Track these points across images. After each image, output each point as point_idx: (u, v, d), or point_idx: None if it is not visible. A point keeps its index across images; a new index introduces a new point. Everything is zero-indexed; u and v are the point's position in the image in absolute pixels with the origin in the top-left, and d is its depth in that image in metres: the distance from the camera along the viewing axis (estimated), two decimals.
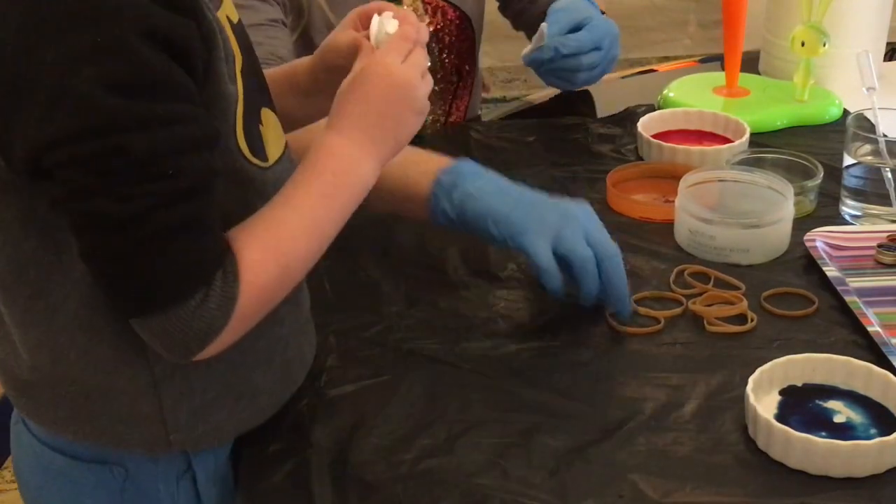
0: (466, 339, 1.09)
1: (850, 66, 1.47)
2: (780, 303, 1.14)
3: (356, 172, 0.92)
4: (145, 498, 1.00)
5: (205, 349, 0.86)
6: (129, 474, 0.99)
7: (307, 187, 0.90)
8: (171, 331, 0.84)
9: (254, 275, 0.86)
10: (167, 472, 0.99)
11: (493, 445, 0.96)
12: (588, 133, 1.52)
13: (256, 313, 0.89)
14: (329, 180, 0.91)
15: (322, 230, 0.91)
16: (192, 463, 0.99)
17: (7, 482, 2.21)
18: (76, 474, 0.99)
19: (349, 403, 1.01)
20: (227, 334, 0.86)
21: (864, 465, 0.91)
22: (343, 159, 0.91)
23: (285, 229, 0.88)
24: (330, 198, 0.91)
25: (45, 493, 1.03)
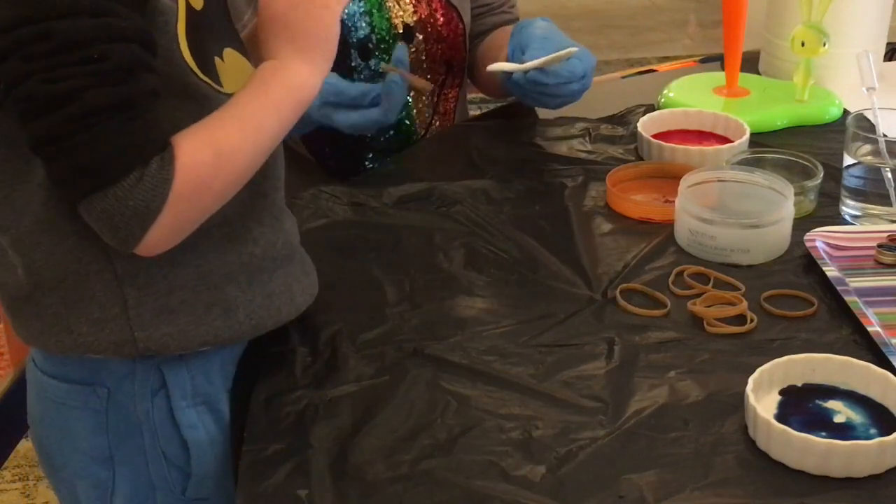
0: (467, 340, 1.09)
1: (850, 66, 1.47)
2: (780, 303, 1.14)
3: (288, 76, 0.99)
4: (126, 417, 1.06)
5: (147, 232, 0.91)
6: (110, 394, 1.05)
7: (241, 93, 0.97)
8: (111, 212, 0.89)
9: (187, 157, 0.91)
10: (142, 387, 1.05)
11: (492, 446, 0.96)
12: (588, 133, 1.52)
13: (196, 200, 0.93)
14: (262, 86, 0.98)
15: (258, 124, 0.96)
16: (166, 379, 1.05)
17: (7, 482, 2.21)
18: (66, 398, 1.06)
19: (349, 404, 1.02)
20: (166, 218, 0.91)
21: (863, 465, 0.91)
22: (273, 69, 0.99)
23: (218, 121, 0.95)
24: (263, 98, 0.97)
25: (45, 422, 1.10)
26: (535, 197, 1.35)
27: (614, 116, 1.57)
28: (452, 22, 1.53)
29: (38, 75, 0.86)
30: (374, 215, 1.33)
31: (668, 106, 1.55)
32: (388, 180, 1.39)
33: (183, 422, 1.06)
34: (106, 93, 0.87)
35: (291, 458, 0.96)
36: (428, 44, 1.51)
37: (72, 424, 1.07)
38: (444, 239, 1.27)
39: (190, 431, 1.07)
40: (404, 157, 1.48)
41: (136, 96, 0.89)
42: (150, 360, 1.04)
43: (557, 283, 1.18)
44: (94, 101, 0.87)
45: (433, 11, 1.51)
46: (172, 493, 1.08)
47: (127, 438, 1.06)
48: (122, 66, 0.88)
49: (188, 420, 1.06)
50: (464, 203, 1.34)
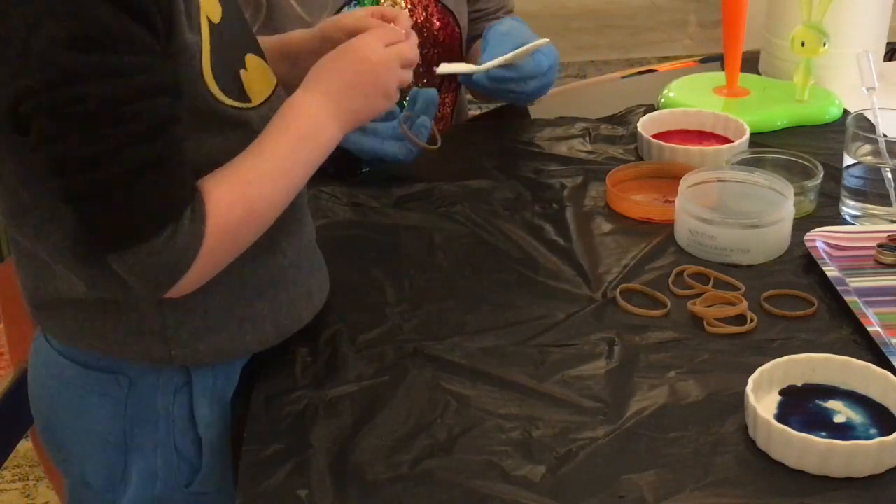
0: (467, 340, 1.09)
1: (850, 66, 1.47)
2: (780, 303, 1.14)
3: (321, 131, 1.02)
4: (145, 407, 1.07)
5: (175, 284, 0.94)
6: (132, 384, 1.06)
7: (276, 138, 0.99)
8: (143, 266, 0.92)
9: (220, 215, 0.94)
10: (167, 383, 1.06)
11: (492, 446, 0.96)
12: (588, 133, 1.52)
13: (224, 252, 0.97)
14: (296, 134, 1.00)
15: (287, 178, 0.99)
16: (192, 378, 1.06)
17: (7, 482, 2.21)
18: (86, 382, 1.07)
19: (349, 404, 1.02)
20: (195, 271, 0.94)
21: (863, 465, 0.91)
22: (311, 118, 1.01)
23: (253, 174, 0.97)
24: (296, 150, 1.00)
25: (58, 401, 1.10)
26: (535, 197, 1.35)
27: (614, 116, 1.57)
28: (449, 26, 1.53)
29: (73, 136, 0.88)
30: (374, 215, 1.33)
31: (668, 106, 1.55)
32: (388, 180, 1.39)
33: (201, 419, 1.07)
34: (139, 152, 0.89)
35: (291, 458, 0.96)
36: (424, 48, 1.51)
37: (89, 408, 1.08)
38: (444, 239, 1.27)
39: (206, 429, 1.08)
40: None
41: (167, 153, 0.90)
42: None
43: (557, 283, 1.18)
44: (128, 162, 0.88)
45: (429, 16, 1.51)
46: (176, 484, 1.09)
47: (142, 427, 1.07)
48: (154, 123, 0.89)
49: (206, 418, 1.08)
50: (464, 203, 1.34)
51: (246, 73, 1.02)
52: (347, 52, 1.05)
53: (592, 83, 2.05)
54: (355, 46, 1.05)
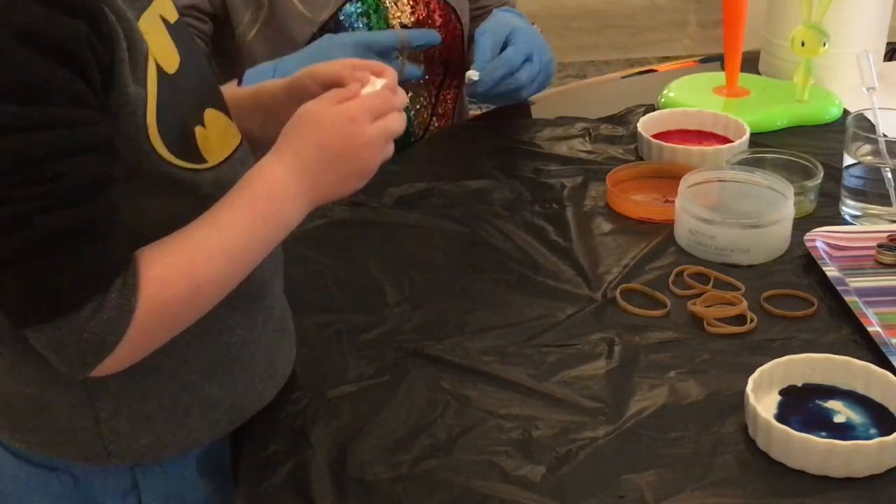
0: (467, 340, 1.09)
1: (850, 66, 1.47)
2: (780, 303, 1.14)
3: (287, 210, 0.90)
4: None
5: (101, 363, 0.83)
6: (76, 483, 0.97)
7: (235, 212, 0.88)
8: (64, 343, 0.81)
9: (156, 289, 0.83)
10: (115, 486, 0.97)
11: (492, 446, 0.96)
12: (588, 133, 1.52)
13: (159, 330, 0.86)
14: (260, 210, 0.89)
15: (242, 258, 0.89)
16: (138, 480, 0.97)
17: None
18: (27, 478, 0.98)
19: (349, 404, 1.01)
20: (125, 349, 0.83)
21: (863, 465, 0.91)
22: (278, 195, 0.90)
23: (203, 249, 0.86)
24: (255, 227, 0.89)
25: (4, 496, 1.01)
26: (535, 197, 1.35)
27: (614, 116, 1.57)
28: (450, 23, 1.53)
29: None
30: (373, 215, 1.33)
31: (668, 106, 1.55)
32: (387, 180, 1.38)
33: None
34: (59, 217, 0.78)
35: (291, 458, 0.96)
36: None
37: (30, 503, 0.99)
38: (444, 239, 1.27)
39: None
40: (403, 157, 1.48)
41: (93, 218, 0.80)
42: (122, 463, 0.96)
43: (557, 283, 1.18)
44: (46, 227, 0.77)
45: (431, 12, 1.51)
46: None
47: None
48: (79, 185, 0.79)
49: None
50: (464, 203, 1.34)
51: (203, 130, 0.91)
52: (333, 125, 0.91)
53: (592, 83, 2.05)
54: (342, 120, 0.91)
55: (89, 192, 0.79)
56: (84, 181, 0.79)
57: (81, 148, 0.79)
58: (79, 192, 0.79)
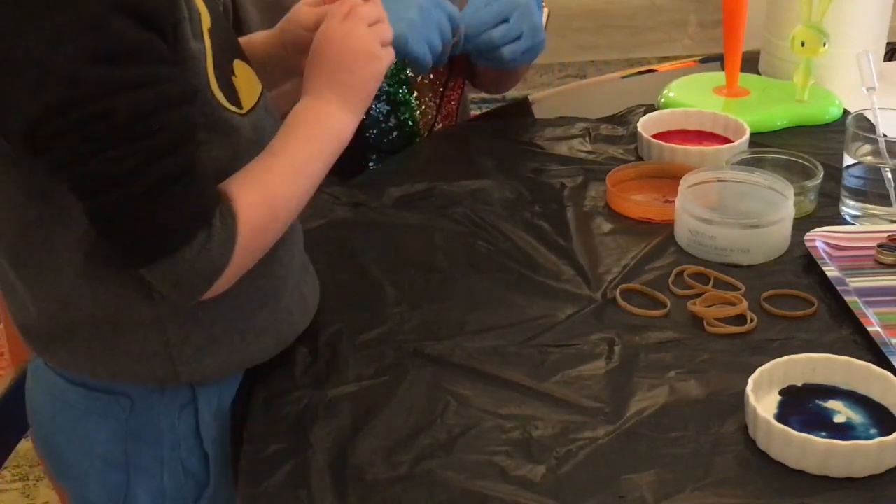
0: (467, 340, 1.09)
1: (850, 66, 1.47)
2: (780, 303, 1.14)
3: (331, 121, 1.02)
4: (148, 427, 1.06)
5: (211, 288, 0.94)
6: (134, 405, 1.05)
7: (288, 138, 1.00)
8: (179, 274, 0.92)
9: (248, 216, 0.94)
10: (171, 402, 1.06)
11: (492, 446, 0.96)
12: (588, 133, 1.52)
13: (254, 251, 0.97)
14: (307, 131, 1.01)
15: (306, 173, 1.00)
16: (197, 396, 1.06)
17: (7, 482, 2.21)
18: (86, 404, 1.06)
19: (349, 404, 1.01)
20: (229, 273, 0.94)
21: (863, 465, 0.91)
22: (317, 113, 1.02)
23: (273, 174, 0.97)
24: (310, 144, 1.00)
25: (57, 422, 1.09)
26: (535, 197, 1.35)
27: (614, 116, 1.57)
28: None
29: (100, 155, 0.86)
30: (374, 215, 1.33)
31: (668, 106, 1.55)
32: (388, 180, 1.39)
33: (207, 436, 1.07)
34: (166, 164, 0.88)
35: (291, 458, 0.96)
36: None
37: (88, 429, 1.07)
38: (444, 239, 1.27)
39: (213, 446, 1.07)
40: (404, 157, 1.49)
41: (192, 162, 0.91)
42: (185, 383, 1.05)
43: (557, 283, 1.18)
44: (156, 175, 0.88)
45: None
46: (184, 501, 1.09)
47: (145, 446, 1.06)
48: (178, 134, 0.89)
49: (211, 435, 1.07)
50: (463, 203, 1.34)
51: (236, 79, 1.01)
52: (316, 48, 1.04)
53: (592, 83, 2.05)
54: (318, 39, 1.04)
55: (186, 139, 0.91)
56: (181, 130, 0.90)
57: (176, 101, 0.90)
58: (179, 141, 0.90)
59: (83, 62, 0.85)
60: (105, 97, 0.86)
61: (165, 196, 0.89)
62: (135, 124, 0.87)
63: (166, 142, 0.88)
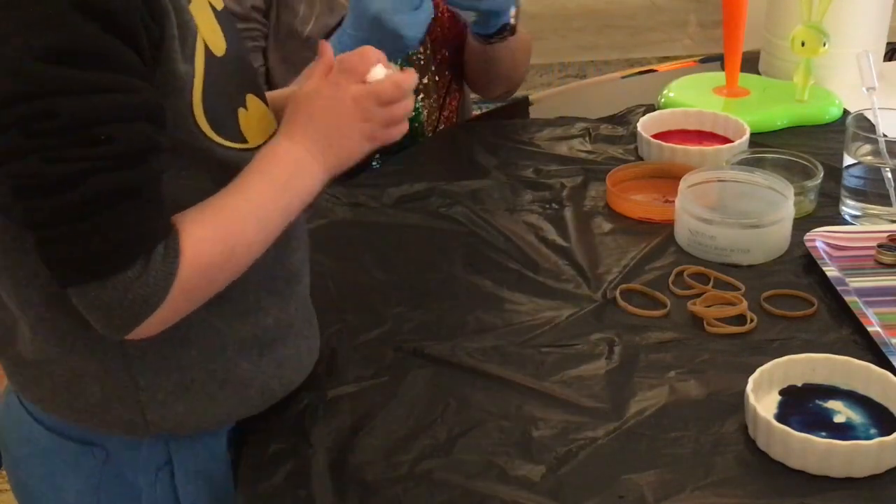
0: (467, 340, 1.09)
1: (850, 66, 1.47)
2: (780, 303, 1.14)
3: (304, 174, 0.95)
4: (122, 483, 1.01)
5: (143, 323, 0.86)
6: (108, 457, 1.00)
7: (259, 181, 0.92)
8: (109, 302, 0.84)
9: (197, 251, 0.87)
10: (147, 461, 1.00)
11: (492, 446, 0.96)
12: (588, 133, 1.52)
13: (198, 291, 0.90)
14: (279, 178, 0.93)
15: (269, 222, 0.93)
16: (172, 455, 1.00)
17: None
18: (58, 450, 1.01)
19: (349, 404, 1.02)
20: (166, 310, 0.87)
21: (863, 465, 0.91)
22: (292, 161, 0.94)
23: (236, 215, 0.90)
24: (279, 193, 0.93)
25: (27, 464, 1.05)
26: (535, 197, 1.35)
27: (614, 116, 1.57)
28: (457, 26, 1.54)
29: (40, 153, 0.81)
30: (373, 215, 1.33)
31: (668, 106, 1.55)
32: (388, 180, 1.39)
33: (184, 499, 1.02)
34: (111, 178, 0.82)
35: (291, 458, 0.96)
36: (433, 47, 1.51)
37: (58, 478, 1.02)
38: (444, 239, 1.27)
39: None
40: (404, 157, 1.48)
41: (141, 182, 0.84)
42: (158, 438, 0.99)
43: (557, 283, 1.18)
44: (98, 188, 0.81)
45: (440, 16, 1.51)
46: None
47: (121, 502, 1.02)
48: (130, 149, 0.83)
49: (189, 497, 1.02)
50: (463, 203, 1.34)
51: (245, 112, 0.96)
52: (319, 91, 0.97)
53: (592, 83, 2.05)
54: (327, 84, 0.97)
55: (138, 157, 0.84)
56: (134, 146, 0.83)
57: (133, 114, 0.83)
58: (128, 157, 0.83)
59: (34, 57, 0.79)
60: (50, 95, 0.80)
61: (105, 213, 0.82)
62: (80, 129, 0.81)
63: (113, 155, 0.82)
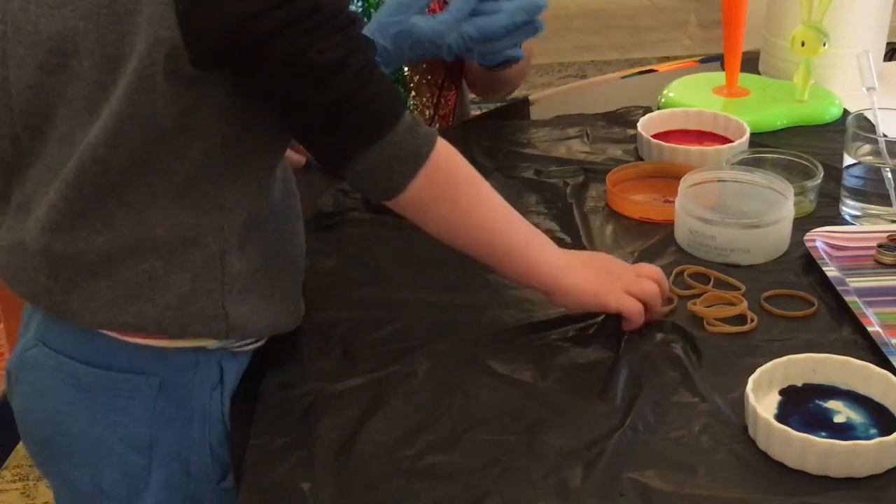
0: (473, 337, 1.09)
1: (850, 66, 1.47)
2: (780, 303, 1.14)
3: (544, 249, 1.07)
4: (177, 409, 1.05)
5: (416, 176, 0.99)
6: (163, 384, 1.04)
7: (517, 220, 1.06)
8: (390, 156, 0.97)
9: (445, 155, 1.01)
10: (203, 381, 1.06)
11: (495, 443, 0.96)
12: (588, 133, 1.52)
13: (440, 180, 1.01)
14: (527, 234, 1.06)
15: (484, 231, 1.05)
16: (224, 373, 1.06)
17: (7, 482, 2.21)
18: (106, 386, 1.04)
19: (354, 398, 1.02)
20: (424, 174, 0.99)
21: (863, 465, 0.91)
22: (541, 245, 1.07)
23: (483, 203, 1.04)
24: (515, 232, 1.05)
25: (69, 410, 1.06)
26: (536, 197, 1.35)
27: (614, 116, 1.57)
28: None
29: (316, 46, 0.92)
30: (383, 213, 1.32)
31: (668, 106, 1.55)
32: None
33: (230, 418, 1.07)
34: (364, 51, 0.95)
35: (296, 451, 0.96)
36: None
37: (109, 413, 1.05)
38: None
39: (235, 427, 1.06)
40: None
41: (373, 52, 0.98)
42: (213, 355, 1.05)
43: None
44: (361, 61, 0.95)
45: (432, 11, 1.51)
46: (209, 482, 1.08)
47: (173, 427, 1.06)
48: (357, 27, 0.96)
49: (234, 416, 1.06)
50: None
51: None
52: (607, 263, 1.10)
53: (592, 83, 2.05)
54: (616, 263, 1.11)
55: (361, 32, 0.97)
56: (358, 25, 0.97)
57: None
58: (359, 34, 0.97)
59: None
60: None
61: (372, 80, 0.95)
62: (337, 15, 0.93)
63: (355, 35, 0.95)
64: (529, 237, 1.06)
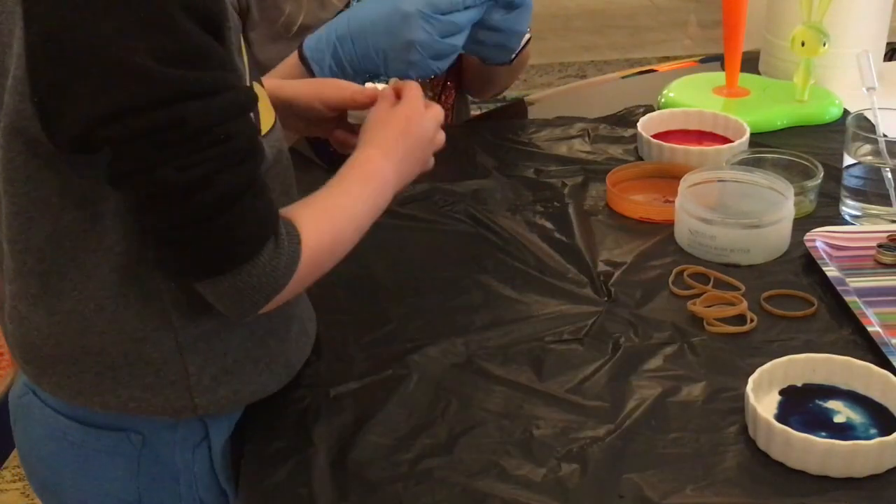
0: (469, 339, 1.09)
1: (850, 66, 1.47)
2: (780, 303, 1.14)
3: (388, 191, 1.04)
4: (161, 465, 1.02)
5: (267, 305, 0.92)
6: (145, 441, 1.01)
7: (360, 189, 1.01)
8: (242, 288, 0.89)
9: (314, 242, 0.93)
10: (185, 439, 1.02)
11: (493, 445, 0.96)
12: (588, 133, 1.52)
13: (309, 277, 0.96)
14: (375, 189, 1.02)
15: (361, 226, 1.01)
16: (209, 431, 1.02)
17: (7, 482, 2.21)
18: (92, 442, 1.02)
19: (351, 402, 1.02)
20: (284, 293, 0.92)
21: (863, 465, 0.91)
22: (382, 178, 1.04)
23: (342, 213, 0.98)
24: (372, 202, 1.02)
25: (58, 462, 1.05)
26: (536, 197, 1.35)
27: (614, 116, 1.57)
28: None
29: (171, 163, 0.82)
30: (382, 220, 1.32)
31: (668, 106, 1.55)
32: None
33: (221, 473, 1.04)
34: (235, 174, 0.85)
35: (293, 456, 0.96)
36: None
37: (96, 468, 1.03)
38: (445, 239, 1.27)
39: (228, 482, 1.04)
40: None
41: (257, 172, 0.88)
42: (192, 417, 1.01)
43: (558, 282, 1.19)
44: (226, 185, 0.85)
45: None
46: None
47: (160, 484, 1.03)
48: (245, 143, 0.87)
49: (226, 471, 1.04)
50: (465, 203, 1.34)
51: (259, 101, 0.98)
52: (410, 125, 1.07)
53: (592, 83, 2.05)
54: (416, 122, 1.08)
55: (251, 150, 0.88)
56: (247, 139, 0.88)
57: (240, 110, 0.87)
58: (245, 151, 0.87)
59: (154, 62, 0.80)
60: (178, 101, 0.81)
61: (235, 207, 0.86)
62: (205, 132, 0.83)
63: (234, 152, 0.85)
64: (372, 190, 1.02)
